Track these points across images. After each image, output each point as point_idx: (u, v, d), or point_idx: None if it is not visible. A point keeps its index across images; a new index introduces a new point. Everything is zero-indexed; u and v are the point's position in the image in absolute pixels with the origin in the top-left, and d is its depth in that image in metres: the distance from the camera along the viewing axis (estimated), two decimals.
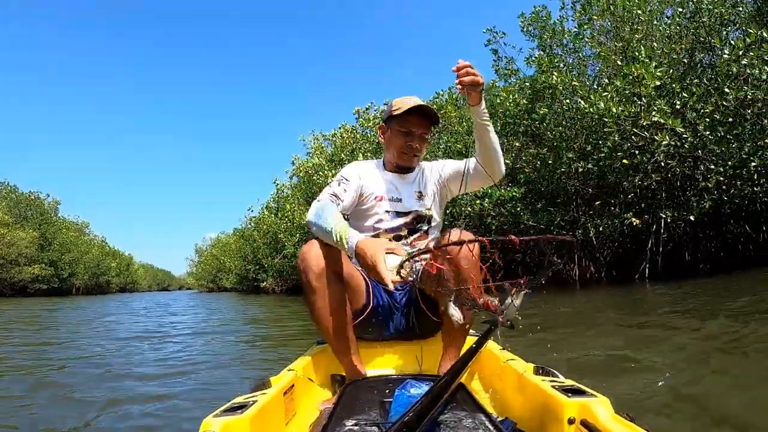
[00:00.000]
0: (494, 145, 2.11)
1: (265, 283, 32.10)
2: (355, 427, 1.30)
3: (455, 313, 1.90)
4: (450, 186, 2.34)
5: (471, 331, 2.31)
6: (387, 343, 2.29)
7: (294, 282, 27.55)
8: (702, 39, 8.85)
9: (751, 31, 7.20)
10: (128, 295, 57.93)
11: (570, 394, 1.32)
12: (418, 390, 1.43)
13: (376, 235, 2.23)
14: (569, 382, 1.45)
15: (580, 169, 9.92)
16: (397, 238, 2.24)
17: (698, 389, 2.31)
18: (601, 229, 10.16)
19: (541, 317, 5.44)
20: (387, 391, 1.61)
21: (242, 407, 1.35)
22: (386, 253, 1.69)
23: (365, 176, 2.28)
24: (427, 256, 2.13)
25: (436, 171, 2.40)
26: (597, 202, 10.49)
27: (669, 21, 9.33)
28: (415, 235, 2.25)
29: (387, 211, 2.24)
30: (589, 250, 11.73)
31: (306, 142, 23.45)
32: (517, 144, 11.16)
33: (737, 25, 9.41)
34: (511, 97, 10.92)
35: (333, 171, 17.95)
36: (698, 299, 5.97)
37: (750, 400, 2.13)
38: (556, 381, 1.49)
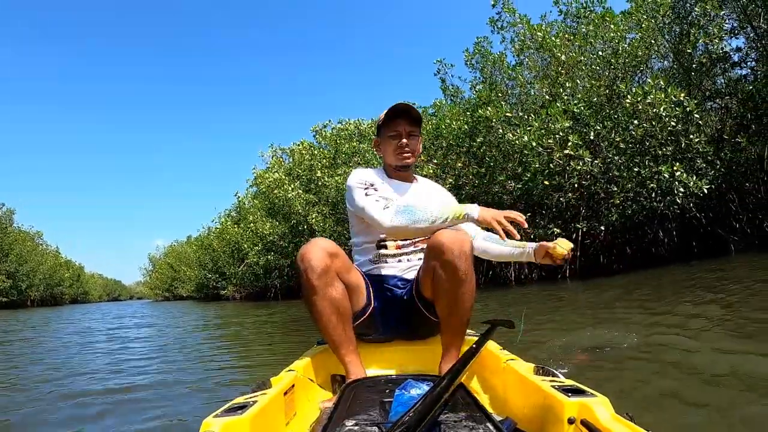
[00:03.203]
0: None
1: (225, 291, 31.92)
2: (356, 427, 1.27)
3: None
4: None
5: (470, 331, 2.34)
6: (387, 344, 2.25)
7: (256, 289, 27.64)
8: (620, 76, 10.15)
9: (649, 81, 8.62)
10: (85, 306, 55.68)
11: (570, 394, 1.31)
12: (418, 390, 1.39)
13: (383, 242, 2.22)
14: (569, 382, 1.44)
15: (511, 188, 11.18)
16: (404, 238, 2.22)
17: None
18: (531, 236, 11.56)
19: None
20: (387, 391, 1.57)
21: (243, 407, 1.35)
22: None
23: (376, 183, 2.21)
24: (416, 259, 2.22)
25: (439, 192, 2.47)
26: (528, 214, 11.87)
27: (593, 58, 10.39)
28: (420, 237, 2.20)
29: None
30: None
31: (265, 156, 24.13)
32: (459, 164, 12.20)
33: (650, 66, 10.99)
34: (454, 123, 11.93)
35: (293, 185, 18.49)
36: (604, 292, 7.30)
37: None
38: (556, 381, 1.48)
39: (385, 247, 2.20)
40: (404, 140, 2.25)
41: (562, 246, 2.11)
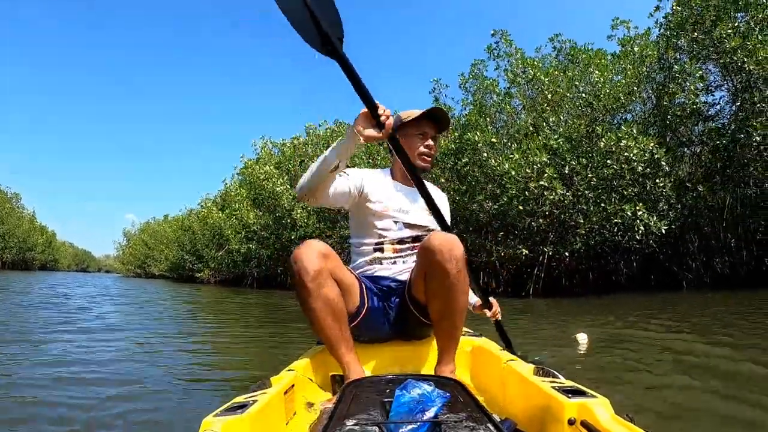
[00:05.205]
0: None
1: (201, 274, 31.90)
2: (356, 427, 1.26)
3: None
4: None
5: (469, 330, 2.42)
6: (385, 344, 2.22)
7: (231, 274, 27.84)
8: (599, 117, 10.83)
9: (623, 128, 9.29)
10: (59, 273, 54.66)
11: (570, 395, 1.31)
12: (419, 390, 1.38)
13: (380, 245, 2.17)
14: (569, 383, 1.44)
15: (488, 208, 11.79)
16: (401, 242, 2.19)
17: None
18: (502, 254, 12.33)
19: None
20: (387, 390, 1.55)
21: (242, 407, 1.35)
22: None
23: (371, 181, 2.18)
24: (412, 261, 2.16)
25: (442, 201, 2.39)
26: (501, 233, 12.51)
27: (577, 94, 11.03)
28: (418, 243, 2.12)
29: (395, 221, 2.17)
30: (492, 270, 13.85)
31: (256, 146, 24.43)
32: (443, 180, 12.76)
33: (631, 109, 11.77)
34: (443, 140, 12.46)
35: (282, 179, 18.69)
36: (564, 306, 8.22)
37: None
38: (556, 381, 1.47)
39: (382, 250, 2.18)
40: (431, 141, 2.23)
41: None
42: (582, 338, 4.18)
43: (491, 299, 2.39)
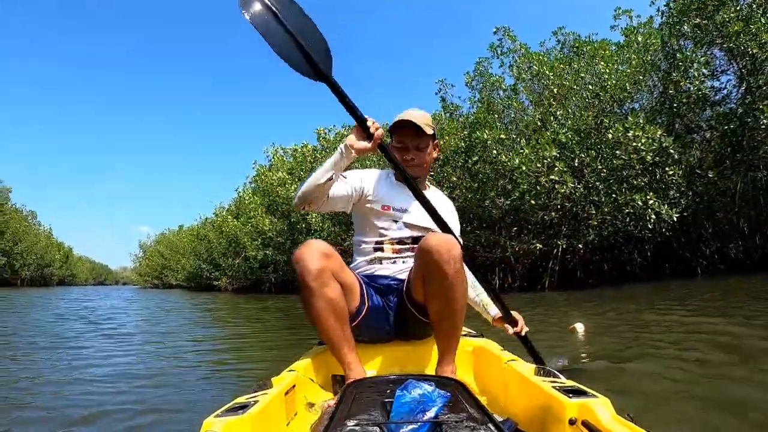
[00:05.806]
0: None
1: (218, 282, 32.33)
2: (357, 427, 1.26)
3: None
4: None
5: (470, 330, 2.42)
6: (385, 344, 2.22)
7: (249, 281, 28.18)
8: (606, 108, 10.91)
9: (630, 118, 9.37)
10: (78, 288, 54.87)
11: (571, 395, 1.31)
12: (420, 390, 1.37)
13: (380, 245, 2.17)
14: (570, 383, 1.44)
15: (500, 204, 11.94)
16: (401, 242, 2.18)
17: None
18: (517, 249, 12.46)
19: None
20: (388, 391, 1.55)
21: (243, 407, 1.35)
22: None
23: (371, 181, 2.21)
24: (412, 262, 2.08)
25: (447, 207, 2.39)
26: (514, 228, 12.60)
27: (584, 86, 11.13)
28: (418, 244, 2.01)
29: (395, 220, 2.18)
30: (507, 265, 13.93)
31: (268, 154, 24.67)
32: (454, 178, 12.94)
33: (639, 99, 11.85)
34: (452, 140, 12.66)
35: (295, 185, 18.79)
36: (578, 299, 8.43)
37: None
38: (557, 381, 1.47)
39: (382, 249, 2.18)
40: (408, 156, 2.20)
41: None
42: (579, 327, 4.45)
43: (515, 314, 2.28)
